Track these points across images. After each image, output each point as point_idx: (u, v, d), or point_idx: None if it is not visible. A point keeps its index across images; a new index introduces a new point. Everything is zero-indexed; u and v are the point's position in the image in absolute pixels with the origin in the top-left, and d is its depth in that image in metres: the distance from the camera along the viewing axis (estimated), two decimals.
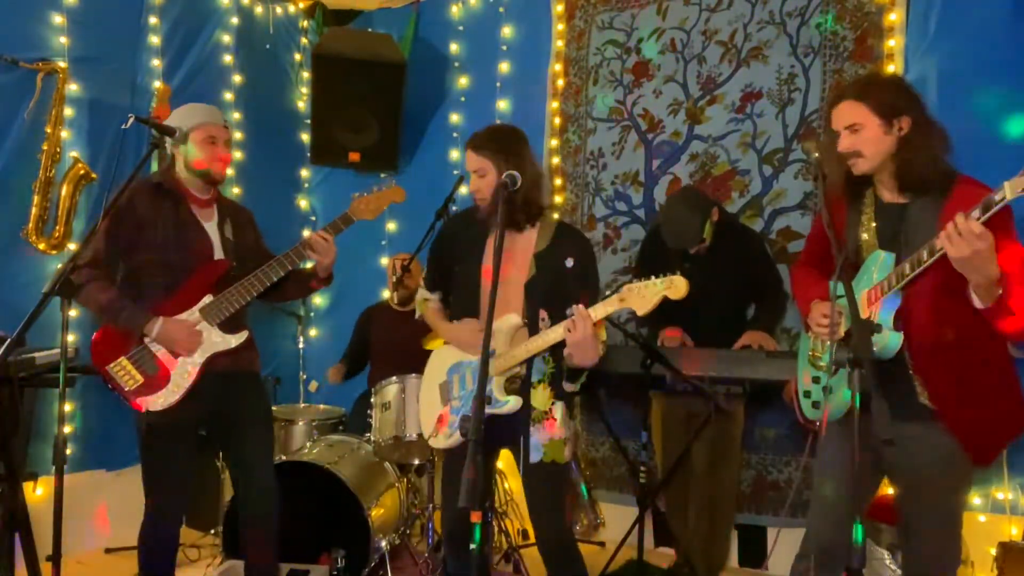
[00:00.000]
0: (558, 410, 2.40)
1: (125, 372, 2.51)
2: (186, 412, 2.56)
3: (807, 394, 2.28)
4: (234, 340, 2.63)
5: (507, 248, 2.42)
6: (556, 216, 3.42)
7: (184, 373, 2.55)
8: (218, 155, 2.63)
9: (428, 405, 2.58)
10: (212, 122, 2.64)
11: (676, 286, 2.13)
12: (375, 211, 2.76)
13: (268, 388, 4.34)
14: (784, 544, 3.48)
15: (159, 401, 2.52)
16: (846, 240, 2.15)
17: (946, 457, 2.01)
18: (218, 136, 2.64)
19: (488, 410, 2.32)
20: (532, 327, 2.36)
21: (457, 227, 2.59)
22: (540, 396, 2.39)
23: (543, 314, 2.35)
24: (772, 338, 3.30)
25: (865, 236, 2.14)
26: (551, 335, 2.27)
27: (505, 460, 3.27)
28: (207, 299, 2.60)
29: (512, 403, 2.34)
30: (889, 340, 2.00)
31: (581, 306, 2.21)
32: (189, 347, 2.55)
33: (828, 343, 2.14)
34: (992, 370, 2.04)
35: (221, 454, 3.37)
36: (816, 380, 2.24)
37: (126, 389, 2.51)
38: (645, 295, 2.16)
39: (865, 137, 2.04)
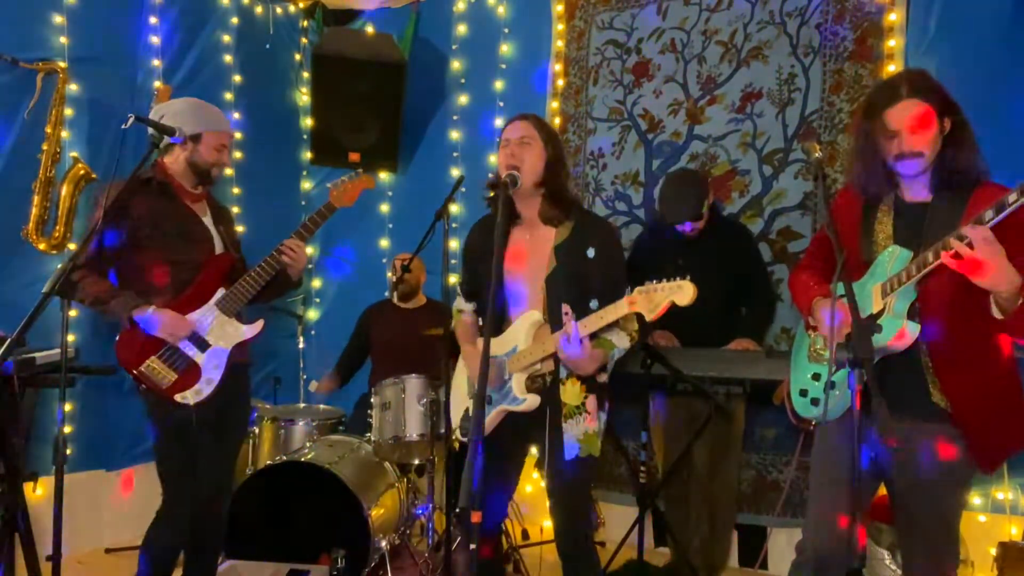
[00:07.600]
0: (592, 403, 2.33)
1: (157, 371, 2.50)
2: (209, 405, 2.55)
3: (803, 392, 2.25)
4: (251, 330, 2.67)
5: (529, 243, 2.42)
6: None
7: (213, 366, 2.56)
8: (224, 161, 2.69)
9: (458, 397, 2.58)
10: (226, 131, 2.71)
11: (684, 291, 2.05)
12: (351, 198, 2.83)
13: (269, 387, 4.40)
14: (784, 544, 3.50)
15: (194, 395, 2.52)
16: (856, 242, 2.13)
17: (950, 460, 1.99)
18: (228, 144, 2.71)
19: (506, 407, 2.34)
20: (555, 321, 2.31)
21: (482, 227, 2.56)
22: (571, 391, 2.31)
23: (566, 308, 2.28)
24: (759, 345, 3.31)
25: (881, 234, 2.12)
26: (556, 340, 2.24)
27: None
28: (221, 292, 2.62)
29: (529, 401, 2.31)
30: (907, 329, 1.98)
31: (568, 314, 2.17)
32: (174, 333, 2.51)
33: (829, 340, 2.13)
34: (1006, 378, 2.03)
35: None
36: (816, 377, 2.22)
37: (163, 387, 2.49)
38: (654, 299, 2.09)
39: (929, 138, 2.02)
